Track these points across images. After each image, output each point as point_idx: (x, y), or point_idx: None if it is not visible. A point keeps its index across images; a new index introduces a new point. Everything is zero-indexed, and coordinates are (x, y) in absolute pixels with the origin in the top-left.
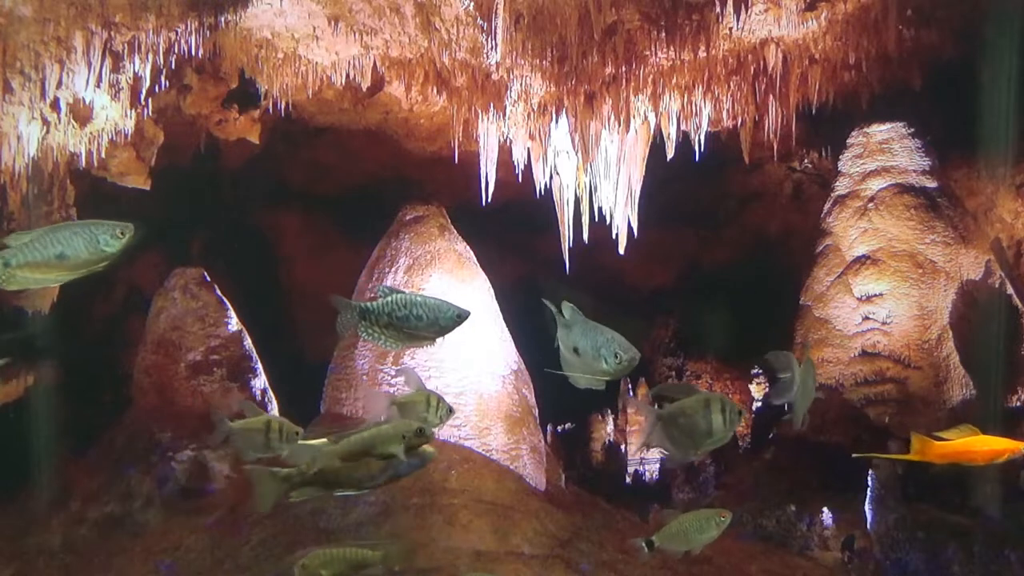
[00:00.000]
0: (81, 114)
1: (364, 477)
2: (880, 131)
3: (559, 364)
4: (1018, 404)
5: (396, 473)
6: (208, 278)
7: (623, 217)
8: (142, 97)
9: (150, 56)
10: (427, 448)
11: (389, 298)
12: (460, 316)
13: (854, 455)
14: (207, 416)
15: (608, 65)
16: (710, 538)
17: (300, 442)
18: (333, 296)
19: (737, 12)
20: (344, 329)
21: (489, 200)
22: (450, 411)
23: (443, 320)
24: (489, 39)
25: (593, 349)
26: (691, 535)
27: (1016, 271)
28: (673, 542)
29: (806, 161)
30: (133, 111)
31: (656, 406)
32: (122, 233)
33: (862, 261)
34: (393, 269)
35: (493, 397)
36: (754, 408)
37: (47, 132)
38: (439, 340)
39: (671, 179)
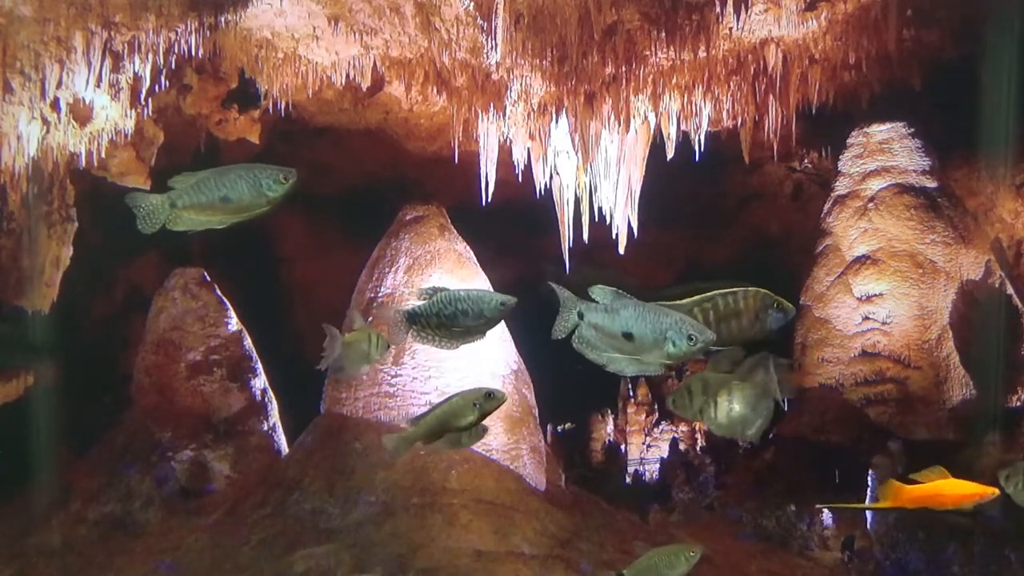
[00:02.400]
0: (81, 114)
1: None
2: (880, 131)
3: (564, 357)
4: (1018, 404)
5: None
6: (208, 278)
7: (623, 217)
8: (142, 97)
9: (150, 56)
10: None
11: (435, 297)
12: (504, 304)
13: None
14: (207, 416)
15: (608, 65)
16: (679, 574)
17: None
18: (386, 306)
19: (737, 12)
20: (397, 338)
21: (489, 200)
22: (388, 346)
23: (488, 311)
24: (489, 39)
25: (656, 333)
26: (661, 570)
27: (1016, 271)
28: None
29: (806, 161)
30: (133, 111)
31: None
32: (285, 178)
33: (862, 261)
34: (393, 269)
35: None
36: None
37: (47, 132)
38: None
39: (671, 179)
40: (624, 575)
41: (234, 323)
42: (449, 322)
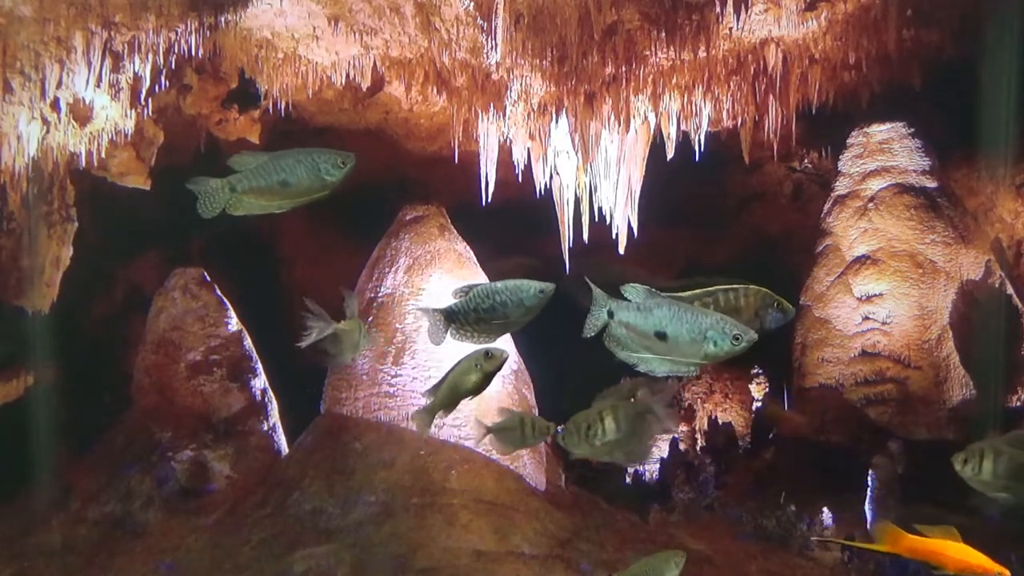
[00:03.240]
0: (81, 114)
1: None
2: (880, 131)
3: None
4: (1018, 404)
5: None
6: (208, 278)
7: (623, 217)
8: (142, 97)
9: (150, 56)
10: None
11: (471, 293)
12: (543, 291)
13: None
14: (207, 416)
15: (608, 65)
16: None
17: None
18: (420, 308)
19: (737, 12)
20: (437, 339)
21: (489, 200)
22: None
23: (528, 299)
24: (489, 39)
25: (694, 332)
26: None
27: (1016, 271)
28: None
29: (806, 161)
30: (133, 111)
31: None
32: (343, 163)
33: (862, 261)
34: (393, 269)
35: (493, 397)
36: (754, 408)
37: (47, 132)
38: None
39: (671, 179)
40: None
41: (234, 323)
42: (488, 316)
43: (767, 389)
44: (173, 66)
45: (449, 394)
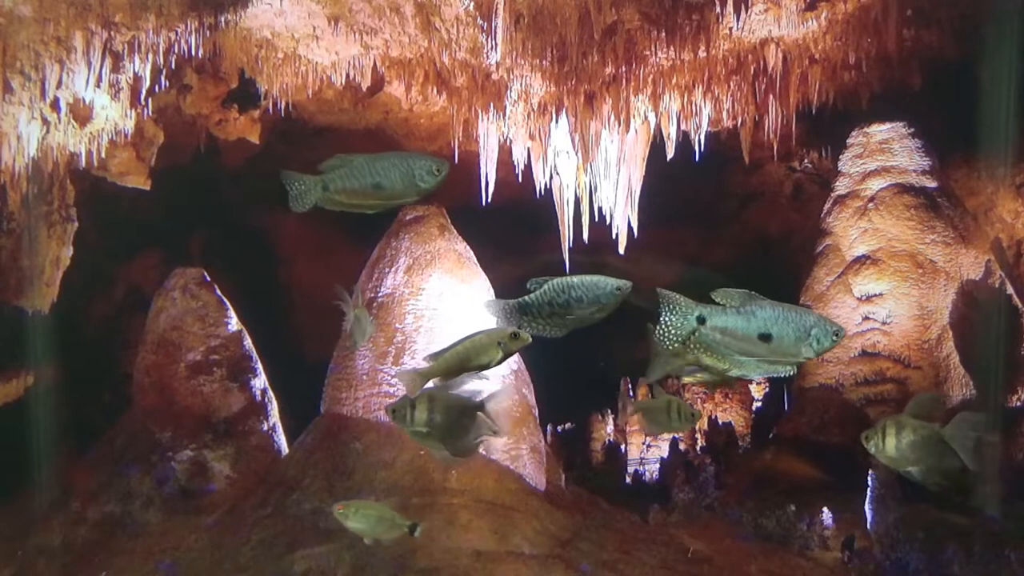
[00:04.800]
0: (81, 114)
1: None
2: (880, 131)
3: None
4: (1018, 404)
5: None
6: (208, 278)
7: (623, 217)
8: (142, 97)
9: (150, 56)
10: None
11: (546, 287)
12: (620, 289)
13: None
14: (207, 416)
15: (608, 65)
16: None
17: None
18: (490, 301)
19: (737, 12)
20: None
21: (489, 200)
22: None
23: (604, 297)
24: (489, 39)
25: (799, 332)
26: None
27: (1016, 271)
28: None
29: (806, 161)
30: (133, 111)
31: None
32: (438, 170)
33: (862, 261)
34: (393, 269)
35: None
36: (754, 408)
37: (47, 132)
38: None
39: (671, 179)
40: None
41: (234, 323)
42: (562, 311)
43: (767, 389)
44: (173, 66)
45: (457, 364)
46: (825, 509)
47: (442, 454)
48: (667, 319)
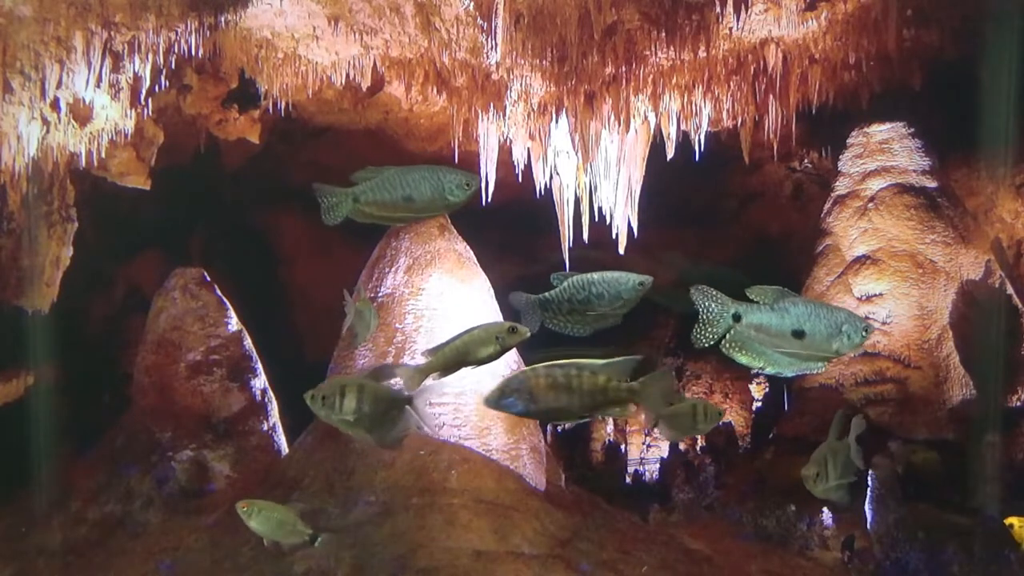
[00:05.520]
0: (81, 114)
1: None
2: (880, 131)
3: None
4: (1018, 404)
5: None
6: (208, 278)
7: (623, 217)
8: (142, 97)
9: (150, 56)
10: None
11: (566, 283)
12: (642, 284)
13: None
14: (207, 416)
15: (608, 65)
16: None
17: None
18: (515, 294)
19: (737, 12)
20: (531, 327)
21: (489, 200)
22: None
23: (625, 292)
24: (489, 39)
25: (831, 328)
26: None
27: (1016, 271)
28: None
29: (806, 161)
30: (133, 111)
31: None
32: (468, 184)
33: (862, 261)
34: (393, 269)
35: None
36: (754, 408)
37: (47, 132)
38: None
39: (671, 179)
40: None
41: (234, 323)
42: (582, 307)
43: (767, 389)
44: (173, 66)
45: (456, 359)
46: (825, 509)
47: (366, 440)
48: (704, 316)
